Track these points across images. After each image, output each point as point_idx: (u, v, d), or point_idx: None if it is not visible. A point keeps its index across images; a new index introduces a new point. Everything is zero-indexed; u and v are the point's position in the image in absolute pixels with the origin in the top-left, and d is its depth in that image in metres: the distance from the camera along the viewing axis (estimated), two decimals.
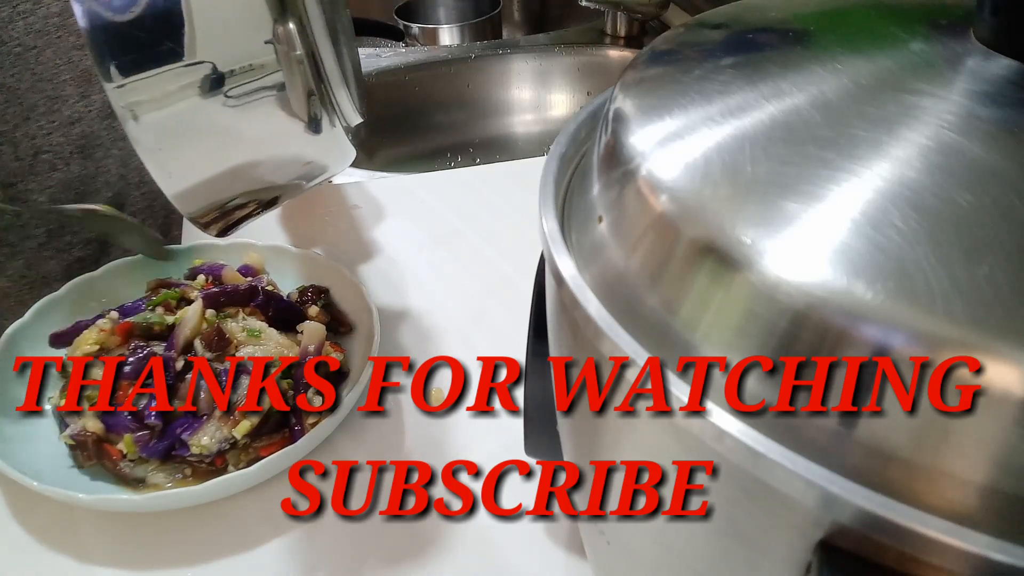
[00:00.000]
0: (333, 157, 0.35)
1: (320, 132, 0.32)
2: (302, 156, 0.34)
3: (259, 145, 0.32)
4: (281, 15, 0.29)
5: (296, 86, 0.30)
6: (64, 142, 0.58)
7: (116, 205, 0.64)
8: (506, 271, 0.57)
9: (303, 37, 0.29)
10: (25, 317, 0.47)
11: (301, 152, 0.33)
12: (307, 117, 0.31)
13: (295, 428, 0.42)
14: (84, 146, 0.60)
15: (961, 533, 0.13)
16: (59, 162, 0.58)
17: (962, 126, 0.17)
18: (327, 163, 0.35)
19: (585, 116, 0.27)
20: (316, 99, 0.31)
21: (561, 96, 0.95)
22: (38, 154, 0.57)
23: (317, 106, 0.31)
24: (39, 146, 0.57)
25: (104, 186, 0.62)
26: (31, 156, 0.56)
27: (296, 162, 0.34)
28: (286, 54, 0.29)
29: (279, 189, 0.35)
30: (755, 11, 0.25)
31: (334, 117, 0.32)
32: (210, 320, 0.44)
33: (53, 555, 0.39)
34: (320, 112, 0.31)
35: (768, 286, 0.16)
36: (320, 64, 0.30)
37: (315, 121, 0.32)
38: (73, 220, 0.57)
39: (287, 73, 0.30)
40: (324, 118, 0.32)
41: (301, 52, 0.29)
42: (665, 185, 0.19)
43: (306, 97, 0.31)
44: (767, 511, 0.16)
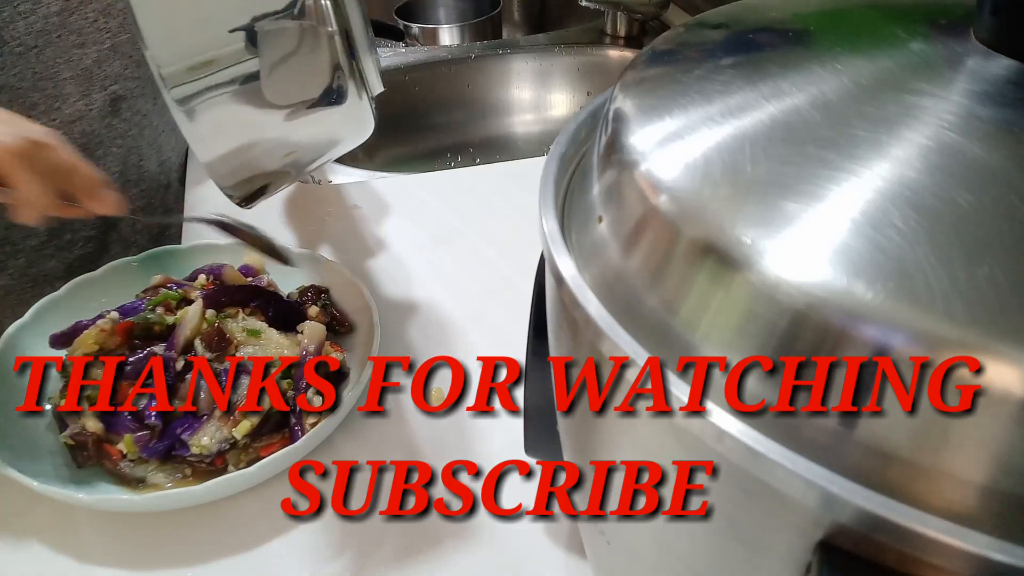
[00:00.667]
0: (356, 128, 0.36)
1: (345, 102, 0.33)
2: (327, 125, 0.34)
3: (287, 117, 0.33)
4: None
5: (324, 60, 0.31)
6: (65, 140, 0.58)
7: None
8: (506, 271, 0.57)
9: (337, 13, 0.30)
10: (25, 317, 0.47)
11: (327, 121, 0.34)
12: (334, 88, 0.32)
13: (295, 428, 0.42)
14: (85, 144, 0.60)
15: (961, 533, 0.13)
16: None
17: (962, 126, 0.17)
18: (349, 134, 0.36)
19: (585, 116, 0.27)
20: (343, 72, 0.31)
21: (561, 96, 0.95)
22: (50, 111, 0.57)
23: (343, 78, 0.32)
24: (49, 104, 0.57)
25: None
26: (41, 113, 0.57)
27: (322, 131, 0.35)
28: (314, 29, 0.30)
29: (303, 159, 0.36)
30: (755, 11, 0.25)
31: (362, 89, 0.33)
32: (210, 320, 0.44)
33: (53, 555, 0.39)
34: (347, 84, 0.32)
35: (768, 286, 0.16)
36: (352, 38, 0.31)
37: (341, 92, 0.32)
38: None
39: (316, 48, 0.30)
40: (352, 89, 0.32)
41: (335, 27, 0.30)
42: (665, 185, 0.19)
43: (332, 71, 0.31)
44: (767, 511, 0.16)
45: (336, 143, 0.36)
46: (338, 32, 0.30)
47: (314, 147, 0.35)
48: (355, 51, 0.31)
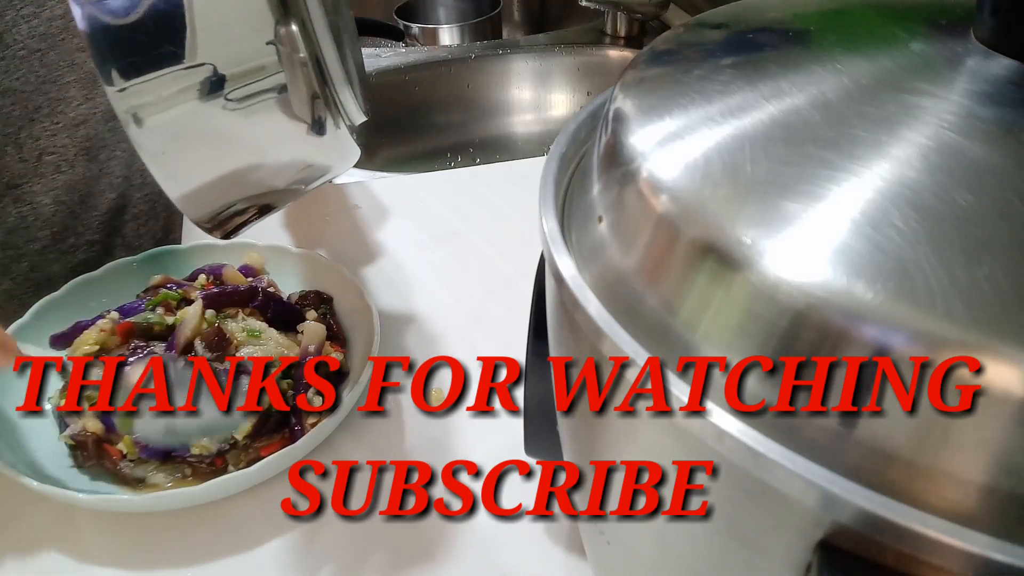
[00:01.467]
0: (337, 157, 0.35)
1: (324, 133, 0.32)
2: (306, 157, 0.33)
3: (263, 147, 0.32)
4: (283, 16, 0.29)
5: (299, 88, 0.30)
6: (69, 144, 0.58)
7: (119, 207, 0.64)
8: (506, 271, 0.57)
9: (306, 39, 0.29)
10: (25, 317, 0.47)
11: (305, 153, 0.33)
12: (310, 119, 0.31)
13: (295, 428, 0.42)
14: (89, 148, 0.60)
15: (961, 533, 0.13)
16: (64, 164, 0.58)
17: (962, 126, 0.17)
18: (331, 163, 0.35)
19: (585, 116, 0.27)
20: (320, 101, 0.31)
21: (561, 96, 0.95)
22: (43, 156, 0.57)
23: (321, 107, 0.31)
24: (44, 148, 0.57)
25: (108, 188, 0.62)
26: (36, 158, 0.56)
27: (300, 163, 0.34)
28: (288, 56, 0.29)
29: (283, 190, 0.35)
30: (755, 11, 0.25)
31: (338, 118, 0.32)
32: (210, 320, 0.44)
33: (53, 555, 0.39)
34: (324, 113, 0.31)
35: (768, 286, 0.16)
36: (324, 65, 0.30)
37: (319, 123, 0.31)
38: None
39: (290, 75, 0.30)
40: (328, 119, 0.32)
41: (304, 54, 0.29)
42: (665, 185, 0.19)
43: (309, 99, 0.30)
44: (767, 511, 0.16)
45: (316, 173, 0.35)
46: (308, 60, 0.30)
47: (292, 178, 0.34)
48: (328, 79, 0.31)
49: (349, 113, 0.33)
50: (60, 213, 0.59)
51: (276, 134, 0.31)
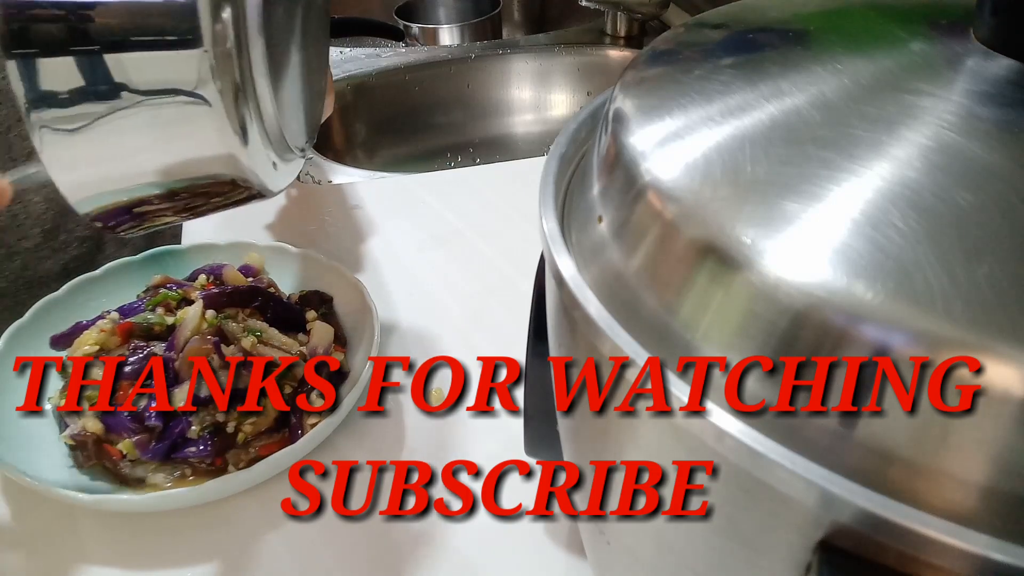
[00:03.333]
0: (262, 174, 0.32)
1: (248, 145, 0.30)
2: (223, 166, 0.31)
3: (173, 149, 0.30)
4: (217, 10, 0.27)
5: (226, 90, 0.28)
6: None
7: None
8: (506, 271, 0.57)
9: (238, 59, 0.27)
10: (25, 317, 0.47)
11: (221, 162, 0.30)
12: (237, 126, 0.29)
13: (295, 428, 0.42)
14: None
15: (961, 533, 0.13)
16: None
17: (962, 126, 0.17)
18: (256, 179, 0.32)
19: (585, 116, 0.27)
20: (249, 114, 0.29)
21: (561, 96, 0.95)
22: (32, 155, 0.57)
23: (247, 120, 0.29)
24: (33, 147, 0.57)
25: None
26: (25, 157, 0.56)
27: (216, 172, 0.31)
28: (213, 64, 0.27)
29: (195, 197, 0.32)
30: (755, 11, 0.25)
31: (264, 134, 0.30)
32: (210, 321, 0.44)
33: (53, 555, 0.39)
34: (249, 126, 0.29)
35: (768, 286, 0.16)
36: (252, 81, 0.29)
37: (243, 132, 0.29)
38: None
39: (213, 86, 0.27)
40: (253, 131, 0.30)
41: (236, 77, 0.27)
42: (665, 185, 0.19)
43: (234, 102, 0.28)
44: (767, 511, 0.16)
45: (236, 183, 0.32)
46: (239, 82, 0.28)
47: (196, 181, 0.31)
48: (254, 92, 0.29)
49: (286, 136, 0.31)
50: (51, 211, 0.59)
51: (188, 137, 0.29)
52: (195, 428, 0.40)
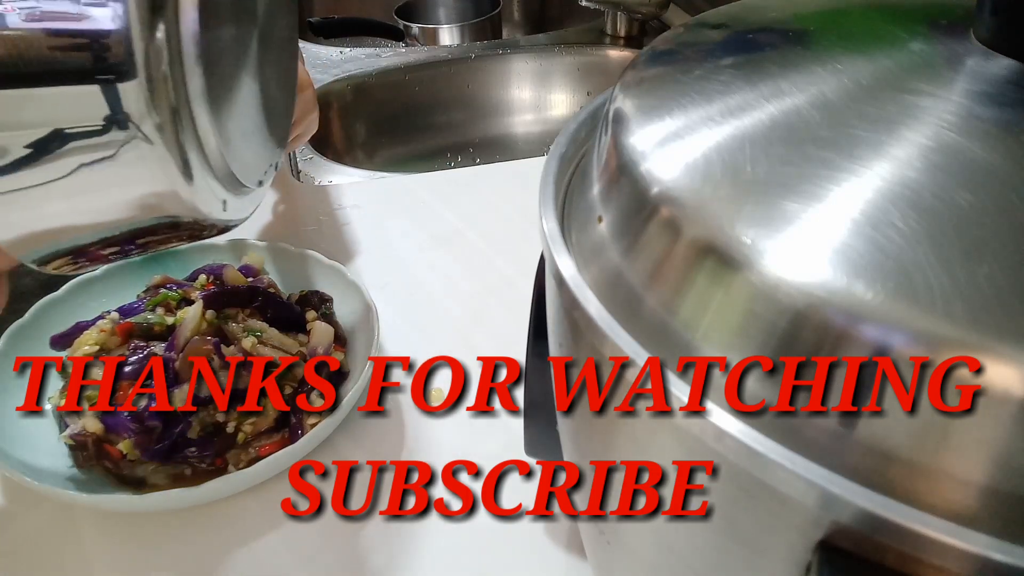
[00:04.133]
0: (210, 211, 0.30)
1: (191, 183, 0.28)
2: (166, 207, 0.29)
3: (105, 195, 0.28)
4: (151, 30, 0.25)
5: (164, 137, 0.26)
6: None
7: None
8: (506, 271, 0.57)
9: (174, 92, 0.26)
10: (25, 317, 0.47)
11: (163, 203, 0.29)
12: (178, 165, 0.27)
13: (295, 428, 0.42)
14: None
15: (961, 533, 0.13)
16: None
17: (962, 126, 0.17)
18: (204, 217, 0.30)
19: (585, 116, 0.27)
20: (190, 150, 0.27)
21: (561, 96, 0.95)
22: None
23: (188, 156, 0.27)
24: None
25: None
26: None
27: (159, 214, 0.29)
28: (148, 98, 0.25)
29: (140, 238, 0.30)
30: (755, 11, 0.25)
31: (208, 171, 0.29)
32: (210, 321, 0.44)
33: (53, 555, 0.39)
34: (192, 162, 0.28)
35: (768, 286, 0.16)
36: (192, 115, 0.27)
37: (186, 169, 0.28)
38: None
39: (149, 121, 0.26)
40: (196, 168, 0.28)
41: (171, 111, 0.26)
42: (665, 185, 0.19)
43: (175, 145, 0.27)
44: (767, 511, 0.16)
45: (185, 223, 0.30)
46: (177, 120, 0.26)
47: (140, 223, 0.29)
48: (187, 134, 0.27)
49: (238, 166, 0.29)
50: None
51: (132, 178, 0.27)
52: (195, 428, 0.40)
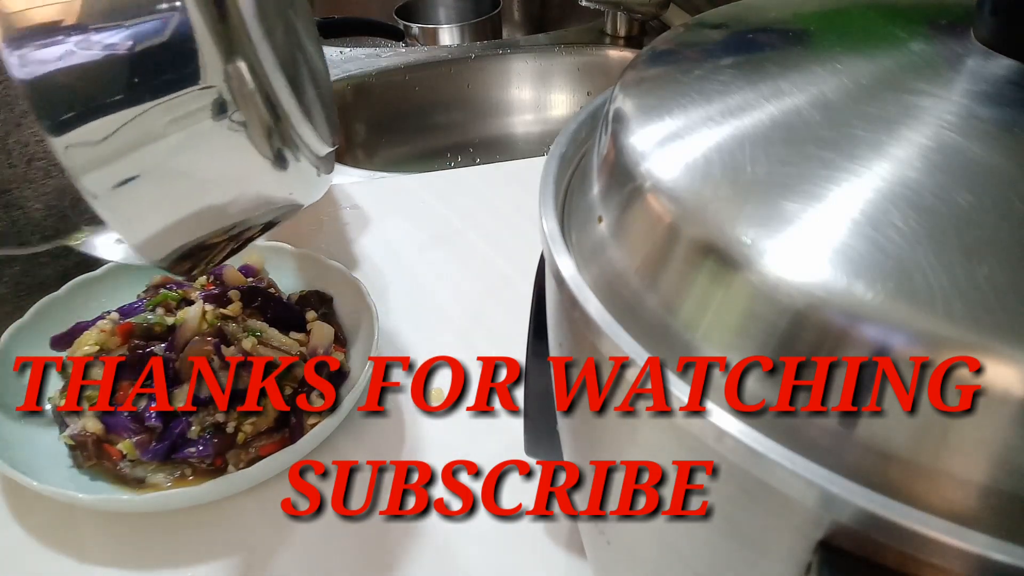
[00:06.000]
0: (302, 190, 0.33)
1: (286, 167, 0.31)
2: (269, 192, 0.32)
3: (222, 185, 0.30)
4: (229, 54, 0.27)
5: (254, 124, 0.29)
6: None
7: None
8: (506, 271, 0.57)
9: (254, 76, 0.28)
10: (25, 317, 0.47)
11: (267, 188, 0.32)
12: (270, 154, 0.30)
13: (295, 428, 0.42)
14: None
15: (961, 533, 0.13)
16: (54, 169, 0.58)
17: (962, 126, 0.17)
18: (296, 197, 0.34)
19: (585, 116, 0.27)
20: (276, 136, 0.30)
21: (561, 96, 0.95)
22: (32, 161, 0.57)
23: (278, 142, 0.30)
24: (32, 153, 0.56)
25: None
26: (25, 163, 0.56)
27: (262, 199, 0.32)
28: (240, 91, 0.28)
29: (248, 227, 0.33)
30: (755, 11, 0.25)
31: (298, 152, 0.31)
32: (211, 320, 0.44)
33: (53, 555, 0.39)
34: (283, 147, 0.30)
35: (768, 286, 0.16)
36: (276, 101, 0.29)
37: (280, 156, 0.30)
38: None
39: (244, 112, 0.28)
40: (288, 152, 0.30)
41: (253, 88, 0.28)
42: (665, 185, 0.19)
43: (266, 134, 0.29)
44: (767, 511, 0.16)
45: (281, 208, 0.34)
46: (259, 96, 0.28)
47: (254, 214, 0.32)
48: (282, 114, 0.29)
49: (311, 145, 0.31)
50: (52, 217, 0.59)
51: (235, 171, 0.30)
52: (195, 428, 0.40)
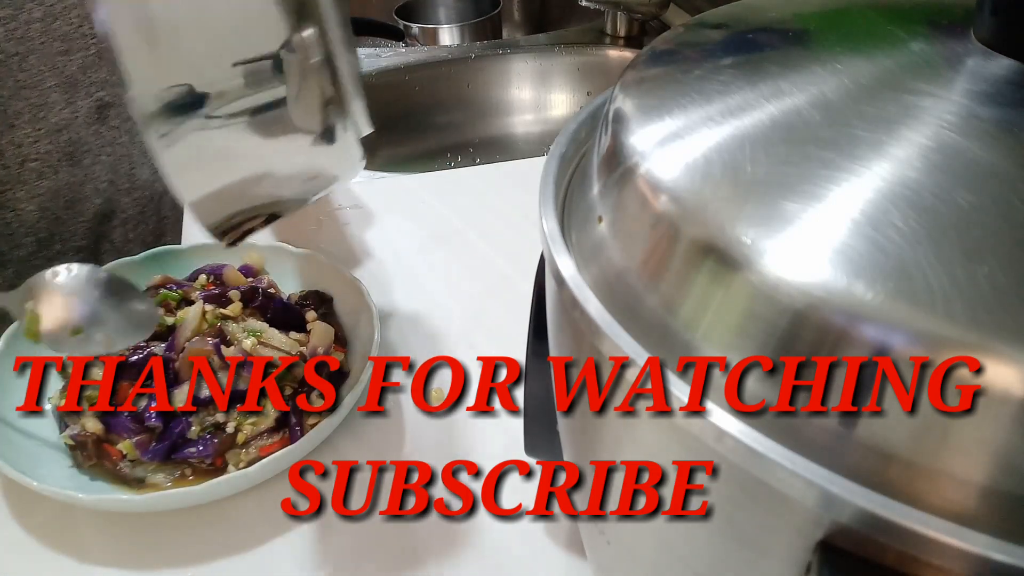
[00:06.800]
0: (345, 166, 0.35)
1: (334, 141, 0.32)
2: (314, 166, 0.33)
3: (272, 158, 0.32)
4: (300, 21, 0.28)
5: (311, 93, 0.30)
6: (52, 149, 0.57)
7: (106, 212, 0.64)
8: (506, 271, 0.57)
9: (322, 44, 0.29)
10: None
11: (313, 162, 0.33)
12: (320, 126, 0.31)
13: (295, 428, 0.42)
14: (72, 153, 0.59)
15: (961, 533, 0.13)
16: (47, 170, 0.58)
17: (962, 126, 0.17)
18: (338, 172, 0.35)
19: (585, 116, 0.27)
20: (331, 107, 0.31)
21: (561, 96, 0.95)
22: (25, 162, 0.56)
23: (331, 114, 0.31)
24: (26, 154, 0.56)
25: (94, 193, 0.62)
26: (18, 164, 0.56)
27: (308, 172, 0.33)
28: (303, 62, 0.29)
29: (290, 199, 0.35)
30: (755, 11, 0.25)
31: (348, 125, 0.32)
32: (211, 320, 0.44)
33: (53, 555, 0.39)
34: (334, 120, 0.31)
35: (768, 286, 0.16)
36: (337, 72, 0.30)
37: (329, 130, 0.31)
38: None
39: (302, 81, 0.29)
40: (338, 127, 0.31)
41: (320, 58, 0.29)
42: (665, 185, 0.19)
43: (321, 105, 0.30)
44: (767, 511, 0.16)
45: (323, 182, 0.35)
46: (323, 63, 0.29)
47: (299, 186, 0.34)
48: (340, 84, 0.30)
49: (358, 122, 0.32)
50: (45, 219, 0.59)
51: (290, 141, 0.31)
52: (195, 428, 0.40)
